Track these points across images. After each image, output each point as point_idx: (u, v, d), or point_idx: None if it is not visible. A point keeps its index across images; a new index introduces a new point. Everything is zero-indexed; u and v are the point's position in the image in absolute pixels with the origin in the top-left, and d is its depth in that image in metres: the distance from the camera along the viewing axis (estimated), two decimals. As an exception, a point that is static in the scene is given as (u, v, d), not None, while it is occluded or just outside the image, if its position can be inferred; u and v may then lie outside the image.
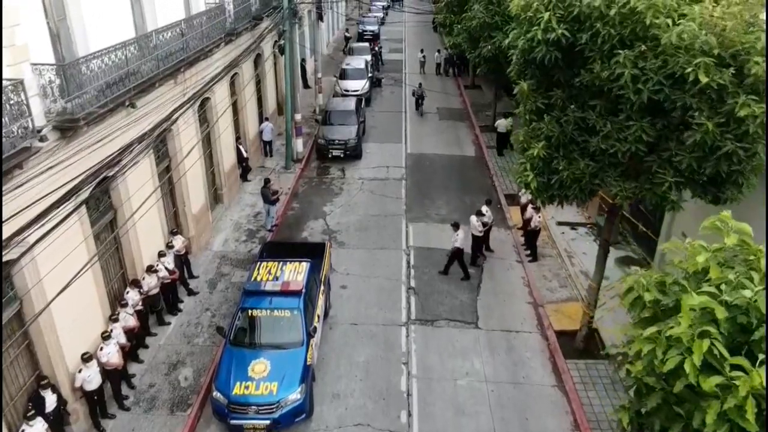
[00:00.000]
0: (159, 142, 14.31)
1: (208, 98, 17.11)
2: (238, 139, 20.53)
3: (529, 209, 16.59)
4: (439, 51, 37.55)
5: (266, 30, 19.23)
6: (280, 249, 14.91)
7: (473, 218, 16.13)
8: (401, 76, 37.00)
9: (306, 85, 32.79)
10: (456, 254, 15.71)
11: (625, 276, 6.24)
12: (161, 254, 13.38)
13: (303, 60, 32.46)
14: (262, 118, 23.43)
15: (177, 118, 13.61)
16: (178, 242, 14.53)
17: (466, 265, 15.85)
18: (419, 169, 22.99)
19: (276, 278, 12.39)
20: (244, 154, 20.63)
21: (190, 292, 14.71)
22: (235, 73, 19.64)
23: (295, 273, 12.58)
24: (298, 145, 23.13)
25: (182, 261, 14.74)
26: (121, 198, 12.04)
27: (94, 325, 11.08)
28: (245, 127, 21.21)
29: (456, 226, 15.64)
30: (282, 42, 20.03)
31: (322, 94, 29.67)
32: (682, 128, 9.00)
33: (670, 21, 8.57)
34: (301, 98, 30.69)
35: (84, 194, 9.99)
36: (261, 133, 22.86)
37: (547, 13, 9.73)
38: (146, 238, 13.12)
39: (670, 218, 14.12)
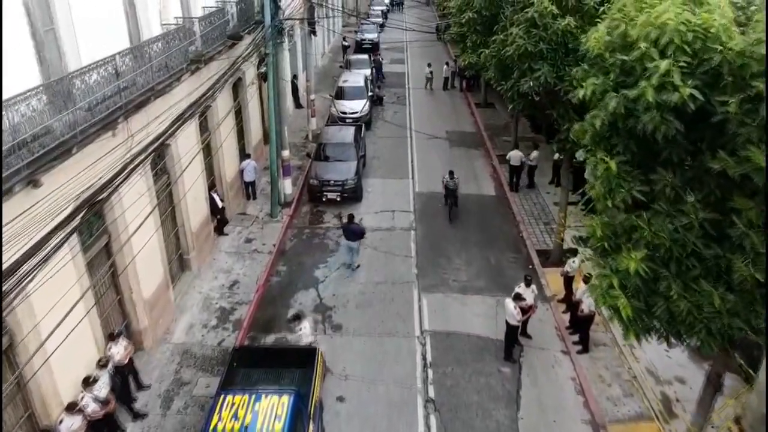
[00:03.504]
0: (92, 216, 10.61)
1: (168, 145, 13.39)
2: (212, 187, 16.83)
3: (581, 288, 12.90)
4: (447, 63, 33.82)
5: (241, 57, 15.45)
6: (254, 357, 11.29)
7: (509, 304, 12.43)
8: (404, 91, 33.26)
9: (298, 105, 29.11)
10: None
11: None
12: (88, 382, 9.63)
13: (294, 76, 28.79)
14: (243, 154, 19.68)
15: (116, 187, 9.88)
16: (120, 350, 10.82)
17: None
18: (430, 213, 19.26)
19: (244, 428, 8.67)
20: (219, 204, 16.91)
21: (136, 415, 10.98)
22: (208, 107, 15.92)
23: (272, 416, 8.87)
24: (286, 186, 19.41)
25: (125, 373, 11.04)
26: (20, 323, 8.32)
27: None
28: (221, 170, 17.48)
29: (298, 318, 11.95)
30: (263, 69, 16.30)
31: (316, 118, 25.95)
32: None
33: None
34: (293, 121, 27.14)
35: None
36: (242, 172, 19.13)
37: (665, 61, 6.08)
38: (66, 360, 9.36)
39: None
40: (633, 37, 6.55)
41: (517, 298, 12.46)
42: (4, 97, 7.61)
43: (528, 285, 12.87)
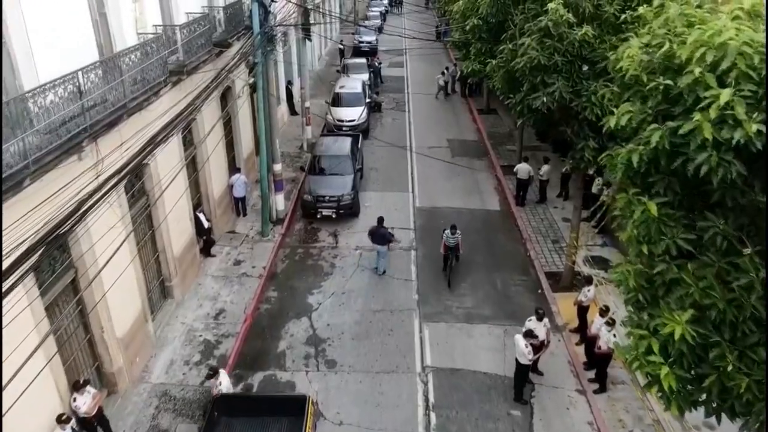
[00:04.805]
0: (55, 249, 9.46)
1: (146, 164, 12.25)
2: (197, 206, 15.68)
3: (597, 321, 11.78)
4: (447, 68, 32.64)
5: (226, 69, 14.24)
6: (238, 406, 10.10)
7: (520, 341, 11.29)
8: (404, 97, 32.10)
9: (293, 112, 27.96)
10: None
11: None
12: (43, 447, 8.49)
13: (289, 82, 27.68)
14: (233, 168, 18.52)
15: (79, 219, 8.73)
16: (86, 400, 9.67)
17: None
18: (432, 231, 17.98)
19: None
20: (206, 224, 15.75)
21: (106, 473, 9.87)
22: (192, 119, 14.78)
23: (254, 488, 7.75)
24: (278, 201, 18.27)
25: (94, 425, 9.90)
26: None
27: None
28: (208, 187, 16.33)
29: (215, 373, 10.55)
30: (252, 79, 15.14)
31: (311, 126, 24.79)
32: None
33: None
34: (287, 129, 26.10)
35: None
36: (231, 187, 17.98)
37: (727, 90, 4.94)
38: (21, 419, 8.23)
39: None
40: (681, 59, 5.42)
41: (529, 334, 11.31)
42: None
43: (540, 319, 11.72)
